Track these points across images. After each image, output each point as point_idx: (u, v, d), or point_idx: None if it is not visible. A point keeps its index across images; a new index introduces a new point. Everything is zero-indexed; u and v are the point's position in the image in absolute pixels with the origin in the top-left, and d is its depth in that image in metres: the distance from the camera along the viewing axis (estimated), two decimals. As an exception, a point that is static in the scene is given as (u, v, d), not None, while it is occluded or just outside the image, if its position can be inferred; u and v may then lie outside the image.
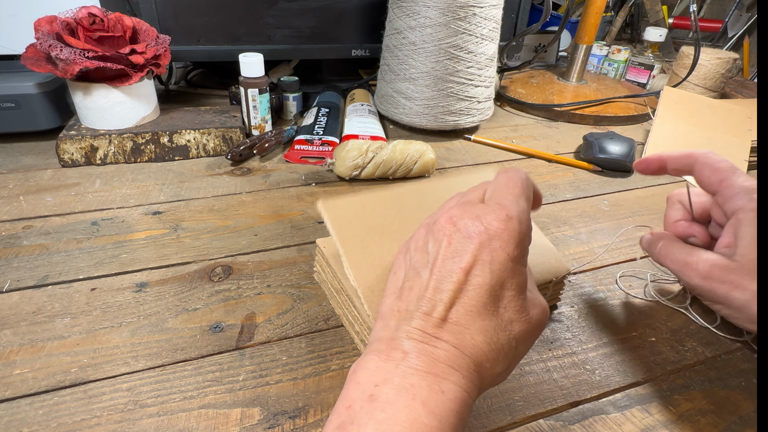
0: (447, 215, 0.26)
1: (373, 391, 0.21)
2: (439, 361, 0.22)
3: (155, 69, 0.57)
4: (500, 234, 0.24)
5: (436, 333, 0.23)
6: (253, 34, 0.70)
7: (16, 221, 0.45)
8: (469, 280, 0.24)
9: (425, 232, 0.28)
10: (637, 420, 0.29)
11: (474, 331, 0.24)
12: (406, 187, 0.36)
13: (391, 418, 0.20)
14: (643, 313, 0.38)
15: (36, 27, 0.51)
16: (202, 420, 0.27)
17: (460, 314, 0.24)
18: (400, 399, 0.21)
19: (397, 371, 0.22)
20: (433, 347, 0.23)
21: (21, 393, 0.28)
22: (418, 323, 0.24)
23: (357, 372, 0.23)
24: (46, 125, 0.58)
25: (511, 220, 0.25)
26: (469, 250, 0.24)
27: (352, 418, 0.21)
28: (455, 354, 0.23)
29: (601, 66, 1.00)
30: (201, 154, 0.59)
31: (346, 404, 0.21)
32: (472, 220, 0.25)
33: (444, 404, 0.21)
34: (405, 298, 0.25)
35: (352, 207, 0.33)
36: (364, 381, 0.22)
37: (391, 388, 0.21)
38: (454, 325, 0.23)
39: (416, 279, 0.26)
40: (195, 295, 0.37)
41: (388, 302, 0.26)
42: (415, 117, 0.65)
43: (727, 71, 0.81)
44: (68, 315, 0.34)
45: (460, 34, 0.59)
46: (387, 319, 0.25)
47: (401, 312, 0.25)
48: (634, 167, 0.37)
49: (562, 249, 0.45)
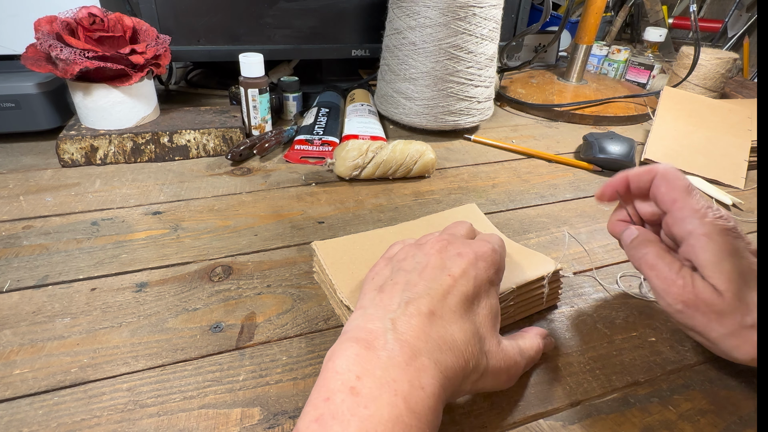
0: (439, 237, 0.29)
1: (354, 383, 0.21)
2: (420, 354, 0.22)
3: (155, 69, 0.57)
4: (485, 257, 0.28)
5: (420, 325, 0.23)
6: (253, 34, 0.70)
7: (16, 221, 0.45)
8: (455, 286, 0.26)
9: (413, 247, 0.29)
10: (637, 420, 0.29)
11: (456, 329, 0.24)
12: (390, 228, 0.41)
13: (375, 415, 0.20)
14: (643, 313, 0.38)
15: (36, 27, 0.51)
16: (202, 420, 0.27)
17: (445, 311, 0.25)
18: (383, 395, 0.20)
19: (379, 363, 0.21)
20: (415, 338, 0.23)
21: (21, 393, 0.28)
22: (402, 313, 0.24)
23: (334, 359, 0.22)
24: (46, 125, 0.58)
25: (495, 252, 0.28)
26: (458, 264, 0.27)
27: (333, 412, 0.20)
28: (435, 347, 0.23)
29: (601, 66, 1.00)
30: (201, 154, 0.59)
31: (324, 395, 0.21)
32: (462, 242, 0.29)
33: (423, 401, 0.21)
34: (388, 292, 0.26)
35: (342, 245, 0.37)
36: (344, 370, 0.21)
37: (372, 381, 0.21)
38: (439, 318, 0.24)
39: (403, 277, 0.26)
40: (195, 295, 0.37)
41: (368, 296, 0.27)
42: (415, 117, 0.65)
43: (727, 71, 0.81)
44: (68, 315, 0.34)
45: (460, 34, 0.59)
46: (366, 308, 0.25)
47: (383, 303, 0.25)
48: (597, 200, 0.35)
49: (562, 249, 0.45)
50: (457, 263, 0.27)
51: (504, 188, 0.56)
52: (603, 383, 0.31)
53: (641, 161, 0.63)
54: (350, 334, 0.23)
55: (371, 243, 0.38)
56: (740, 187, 0.58)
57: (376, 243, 0.38)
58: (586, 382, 0.31)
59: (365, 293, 0.27)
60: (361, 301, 0.27)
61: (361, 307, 0.26)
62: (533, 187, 0.56)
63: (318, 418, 0.20)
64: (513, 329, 0.34)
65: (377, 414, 0.20)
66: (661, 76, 0.98)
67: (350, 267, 0.35)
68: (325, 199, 0.51)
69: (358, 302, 0.27)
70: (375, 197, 0.52)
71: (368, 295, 0.27)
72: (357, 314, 0.25)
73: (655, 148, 0.63)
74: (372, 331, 0.23)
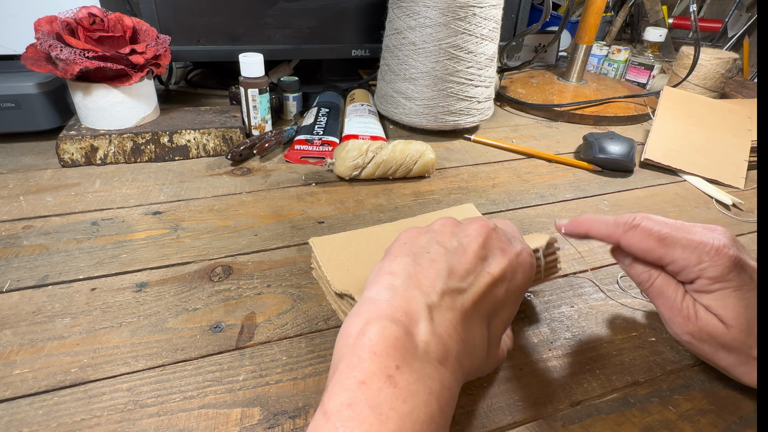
0: (484, 222, 0.27)
1: (393, 372, 0.19)
2: (450, 355, 0.22)
3: (155, 69, 0.57)
4: (524, 265, 0.26)
5: (454, 322, 0.22)
6: (253, 34, 0.70)
7: (16, 221, 0.45)
8: (491, 288, 0.24)
9: (453, 224, 0.27)
10: (637, 420, 0.29)
11: (477, 334, 0.24)
12: (387, 225, 0.40)
13: (413, 413, 0.18)
14: (643, 313, 0.38)
15: (36, 27, 0.51)
16: (202, 420, 0.27)
17: (475, 312, 0.24)
18: (420, 391, 0.19)
19: (417, 354, 0.20)
20: (448, 337, 0.22)
21: (21, 393, 0.28)
22: (440, 303, 0.22)
23: (368, 334, 0.20)
24: (46, 125, 0.58)
25: (533, 262, 0.27)
26: (499, 263, 0.25)
27: (369, 400, 0.18)
28: (463, 350, 0.23)
29: (601, 66, 1.00)
30: (201, 154, 0.59)
31: (359, 376, 0.19)
32: (506, 238, 0.27)
33: (449, 403, 0.21)
34: (425, 267, 0.23)
35: (339, 242, 0.37)
36: (382, 353, 0.19)
37: (410, 375, 0.19)
38: (468, 319, 0.23)
39: (442, 255, 0.24)
40: (195, 295, 0.37)
41: (401, 261, 0.24)
42: (415, 117, 0.65)
43: (727, 71, 0.81)
44: (68, 315, 0.34)
45: (460, 34, 0.59)
46: (398, 276, 0.23)
47: (419, 279, 0.23)
48: (565, 232, 0.32)
49: (562, 249, 0.45)
50: (498, 261, 0.25)
51: (504, 188, 0.56)
52: (603, 383, 0.31)
53: (641, 161, 0.63)
54: (383, 307, 0.21)
55: (368, 240, 0.38)
56: (740, 187, 0.58)
57: (373, 240, 0.38)
58: (586, 382, 0.31)
59: (395, 256, 0.25)
60: (390, 264, 0.24)
61: (391, 273, 0.23)
62: (533, 187, 0.56)
63: (351, 402, 0.18)
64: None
65: (415, 412, 0.18)
66: (661, 76, 0.98)
67: (346, 263, 0.35)
68: (325, 199, 0.51)
69: (385, 262, 0.24)
70: (375, 197, 0.52)
71: (400, 259, 0.24)
72: (386, 281, 0.23)
73: (655, 148, 0.63)
74: (409, 313, 0.21)
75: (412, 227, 0.28)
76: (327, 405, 0.18)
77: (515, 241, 0.27)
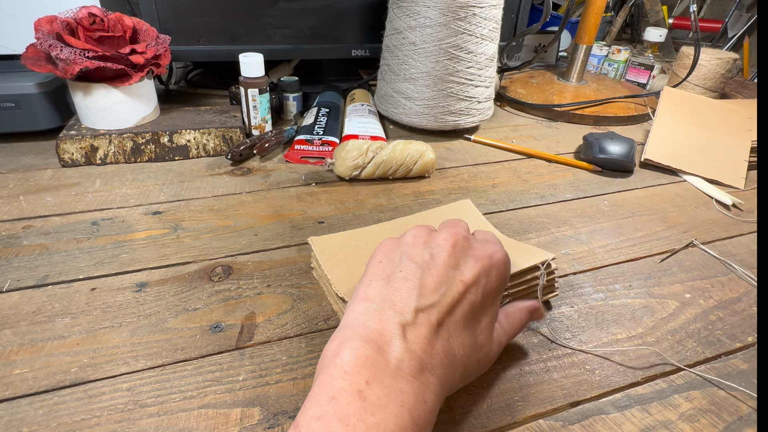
0: (453, 230, 0.27)
1: (363, 387, 0.20)
2: (426, 369, 0.22)
3: (155, 69, 0.57)
4: (499, 266, 0.27)
5: (427, 336, 0.23)
6: (253, 34, 0.70)
7: (16, 221, 0.45)
8: (465, 295, 0.25)
9: (424, 233, 0.28)
10: (637, 420, 0.29)
11: (457, 343, 0.24)
12: (386, 224, 0.40)
13: (381, 424, 0.19)
14: (643, 313, 0.38)
15: (36, 27, 0.51)
16: (202, 420, 0.27)
17: (452, 323, 0.24)
18: (390, 404, 0.20)
19: (388, 370, 0.21)
20: (422, 351, 0.22)
21: (21, 393, 0.28)
22: (412, 321, 0.23)
23: (341, 354, 0.21)
24: (46, 125, 0.58)
25: (507, 260, 0.28)
26: (471, 269, 0.26)
27: (338, 413, 0.19)
28: (440, 363, 0.23)
29: (601, 66, 1.00)
30: (201, 154, 0.59)
31: (329, 393, 0.20)
32: (476, 242, 0.27)
33: (425, 415, 0.21)
34: (398, 288, 0.24)
35: (338, 241, 0.38)
36: (353, 371, 0.21)
37: (381, 389, 0.20)
38: (444, 330, 0.24)
39: (413, 272, 0.25)
40: (195, 295, 0.37)
41: (375, 285, 0.25)
42: (415, 117, 0.65)
43: (727, 71, 0.81)
44: (68, 315, 0.34)
45: (460, 34, 0.59)
46: (373, 301, 0.24)
47: (393, 301, 0.24)
48: None
49: (562, 249, 0.45)
50: (471, 267, 0.26)
51: (504, 188, 0.56)
52: (603, 383, 0.31)
53: (641, 161, 0.63)
54: (359, 330, 0.22)
55: (367, 238, 0.38)
56: (740, 187, 0.58)
57: (372, 239, 0.38)
58: (586, 382, 0.31)
59: (371, 280, 0.26)
60: (365, 289, 0.25)
61: (366, 299, 0.24)
62: (533, 187, 0.56)
63: (321, 416, 0.19)
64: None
65: (383, 423, 0.19)
66: (661, 76, 0.98)
67: (346, 262, 0.35)
68: (325, 199, 0.51)
69: (361, 288, 0.26)
70: (375, 197, 0.52)
71: (375, 284, 0.25)
72: (362, 306, 0.24)
73: (655, 148, 0.63)
74: (382, 333, 0.22)
75: (387, 239, 0.29)
76: (298, 420, 0.20)
77: (488, 244, 0.28)
